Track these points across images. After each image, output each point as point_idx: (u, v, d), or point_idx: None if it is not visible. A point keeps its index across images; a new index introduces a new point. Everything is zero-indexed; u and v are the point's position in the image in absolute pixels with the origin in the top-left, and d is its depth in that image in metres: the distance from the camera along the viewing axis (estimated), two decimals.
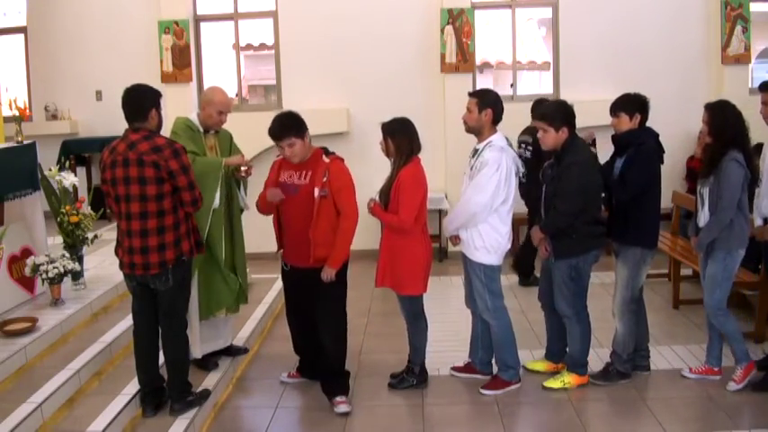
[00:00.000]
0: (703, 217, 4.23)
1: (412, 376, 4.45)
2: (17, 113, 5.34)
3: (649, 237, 4.30)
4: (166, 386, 3.92)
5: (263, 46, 9.29)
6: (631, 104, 4.26)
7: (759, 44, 8.77)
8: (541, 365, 4.63)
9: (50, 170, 5.20)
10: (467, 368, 4.61)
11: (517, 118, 6.02)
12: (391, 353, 4.89)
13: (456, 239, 4.35)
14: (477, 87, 7.97)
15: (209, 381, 4.31)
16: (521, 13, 8.34)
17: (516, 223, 5.52)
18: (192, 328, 4.31)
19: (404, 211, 4.05)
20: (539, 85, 10.65)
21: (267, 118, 4.04)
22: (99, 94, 8.32)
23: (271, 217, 4.29)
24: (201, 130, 4.35)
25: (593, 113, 6.60)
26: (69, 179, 5.16)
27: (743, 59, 7.63)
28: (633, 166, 4.20)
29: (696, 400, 4.16)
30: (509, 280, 6.67)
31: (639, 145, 4.20)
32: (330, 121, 7.65)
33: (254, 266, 6.34)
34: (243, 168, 4.34)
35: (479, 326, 4.50)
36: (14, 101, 5.42)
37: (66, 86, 8.36)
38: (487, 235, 4.17)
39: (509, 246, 4.29)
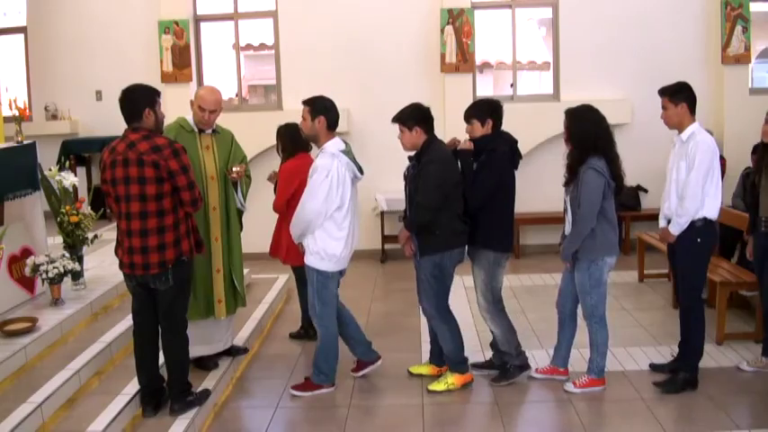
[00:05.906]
0: (567, 225, 4.22)
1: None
2: (17, 113, 5.33)
3: (500, 241, 4.30)
4: (166, 386, 3.92)
5: (263, 46, 9.27)
6: (482, 111, 4.30)
7: (759, 44, 8.76)
8: (425, 369, 4.61)
9: (50, 170, 5.19)
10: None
11: (517, 119, 6.02)
12: (391, 352, 4.88)
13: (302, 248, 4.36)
14: (478, 88, 8.02)
15: (209, 381, 4.31)
16: (521, 13, 8.33)
17: None
18: None
19: (277, 196, 4.94)
20: (539, 85, 10.61)
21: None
22: (99, 94, 8.32)
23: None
24: (196, 129, 4.34)
25: None
26: (69, 179, 5.16)
27: (743, 59, 7.63)
28: (483, 171, 4.24)
29: (696, 400, 4.16)
30: (509, 281, 6.67)
31: (491, 151, 4.23)
32: None
33: (254, 266, 6.34)
34: (235, 170, 4.34)
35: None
36: (14, 101, 5.41)
37: (66, 86, 8.36)
38: (322, 240, 4.18)
39: (348, 254, 4.28)
